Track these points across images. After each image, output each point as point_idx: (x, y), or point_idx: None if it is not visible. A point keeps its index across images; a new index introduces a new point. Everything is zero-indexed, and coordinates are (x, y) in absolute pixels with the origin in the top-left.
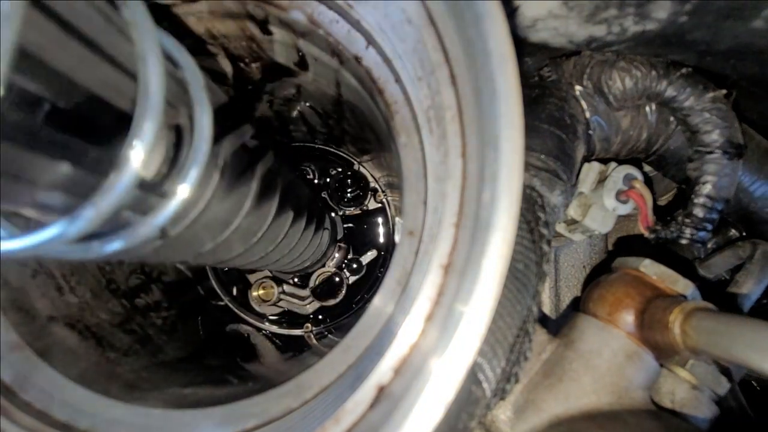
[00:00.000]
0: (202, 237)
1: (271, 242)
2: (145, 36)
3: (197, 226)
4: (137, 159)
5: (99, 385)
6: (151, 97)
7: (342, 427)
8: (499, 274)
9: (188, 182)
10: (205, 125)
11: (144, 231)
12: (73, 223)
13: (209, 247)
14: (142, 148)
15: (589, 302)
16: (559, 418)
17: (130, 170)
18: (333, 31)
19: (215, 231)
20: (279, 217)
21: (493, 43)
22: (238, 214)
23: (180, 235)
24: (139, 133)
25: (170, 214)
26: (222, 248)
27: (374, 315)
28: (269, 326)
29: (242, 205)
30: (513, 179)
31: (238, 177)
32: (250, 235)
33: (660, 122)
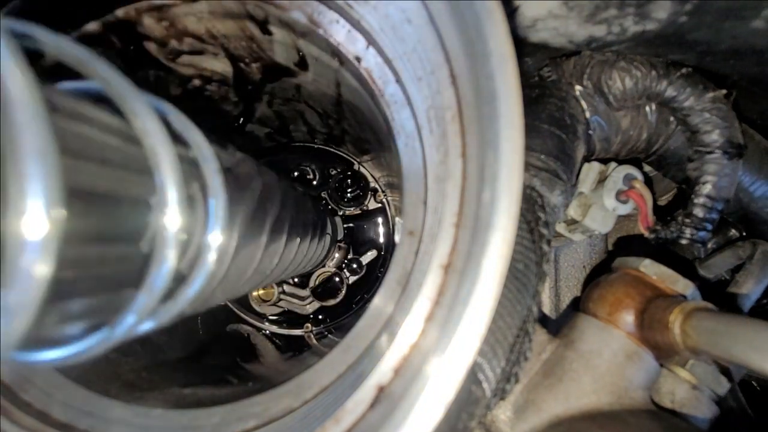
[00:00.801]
0: (215, 297)
1: (280, 271)
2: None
3: (214, 292)
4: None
5: (99, 385)
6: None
7: (342, 427)
8: (499, 274)
9: (208, 263)
10: (221, 207)
11: (169, 314)
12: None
13: (220, 299)
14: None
15: (589, 302)
16: (559, 418)
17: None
18: (333, 31)
19: (228, 288)
20: (287, 248)
21: (493, 43)
22: (249, 268)
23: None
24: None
25: (192, 295)
26: (232, 294)
27: (374, 315)
28: (269, 326)
29: (254, 259)
30: (513, 179)
31: (250, 235)
32: (261, 275)
33: (660, 122)
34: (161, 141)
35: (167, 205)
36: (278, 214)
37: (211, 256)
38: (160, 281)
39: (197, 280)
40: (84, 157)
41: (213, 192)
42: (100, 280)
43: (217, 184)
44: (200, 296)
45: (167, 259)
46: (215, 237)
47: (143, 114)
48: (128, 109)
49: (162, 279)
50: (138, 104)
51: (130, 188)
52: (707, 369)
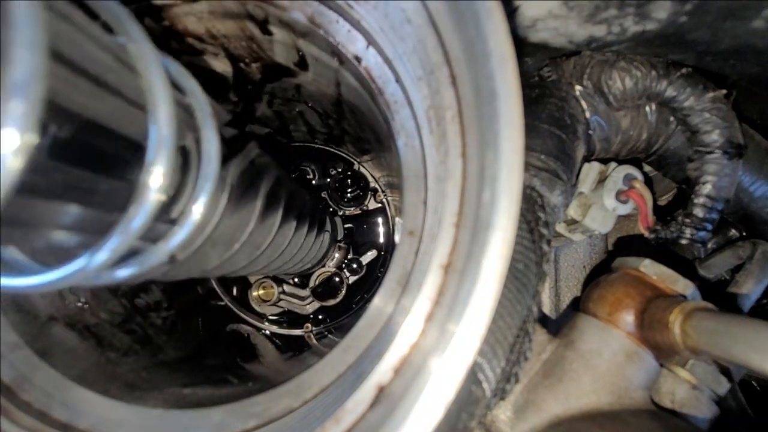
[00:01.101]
0: (209, 256)
1: (275, 251)
2: (151, 69)
3: (204, 247)
4: (156, 184)
5: (99, 385)
6: (162, 128)
7: (342, 426)
8: (499, 274)
9: (197, 211)
10: (213, 153)
11: (154, 258)
12: (97, 256)
13: (215, 263)
14: (161, 173)
15: (589, 302)
16: (559, 418)
17: (151, 196)
18: (333, 31)
19: (221, 250)
20: (282, 228)
21: (493, 43)
22: (244, 231)
23: (188, 257)
24: (154, 161)
25: (180, 240)
26: (227, 263)
27: (374, 315)
28: (269, 326)
29: (248, 223)
30: (513, 179)
31: (243, 196)
32: (255, 249)
33: (660, 122)
34: (155, 66)
35: (153, 161)
36: (273, 186)
37: (200, 206)
38: (134, 227)
39: (186, 226)
40: (78, 70)
41: (205, 138)
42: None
43: (210, 130)
44: (190, 245)
45: (150, 197)
46: (207, 184)
47: (140, 39)
48: (126, 32)
49: (136, 226)
50: (135, 30)
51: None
52: (707, 369)
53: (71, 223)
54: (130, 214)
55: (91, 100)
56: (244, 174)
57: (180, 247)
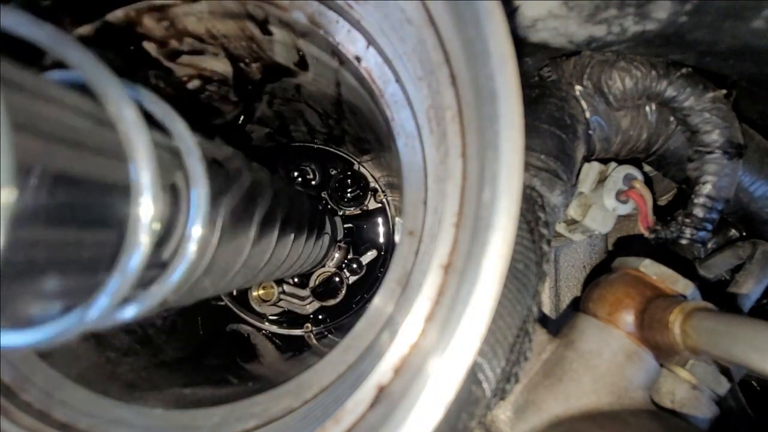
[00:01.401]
0: (204, 287)
1: (274, 267)
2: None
3: (199, 282)
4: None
5: (99, 385)
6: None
7: (342, 427)
8: (499, 274)
9: (188, 253)
10: (202, 196)
11: (148, 303)
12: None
13: (210, 292)
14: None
15: (589, 302)
16: (559, 418)
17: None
18: (333, 31)
19: (216, 279)
20: (280, 244)
21: (493, 43)
22: (237, 261)
23: (179, 296)
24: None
25: (173, 284)
26: (223, 288)
27: (374, 315)
28: (269, 326)
29: (243, 251)
30: (513, 179)
31: (237, 229)
32: (253, 270)
33: (660, 122)
34: (135, 126)
35: (141, 192)
36: (269, 209)
37: (192, 246)
38: (133, 265)
39: (178, 269)
40: (54, 139)
41: (195, 181)
42: (75, 261)
43: (199, 173)
44: (184, 285)
45: (140, 244)
46: (197, 226)
47: (117, 99)
48: (102, 94)
49: (134, 264)
50: (111, 89)
51: (104, 173)
52: (707, 369)
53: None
54: (126, 252)
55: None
56: (238, 207)
57: (173, 291)
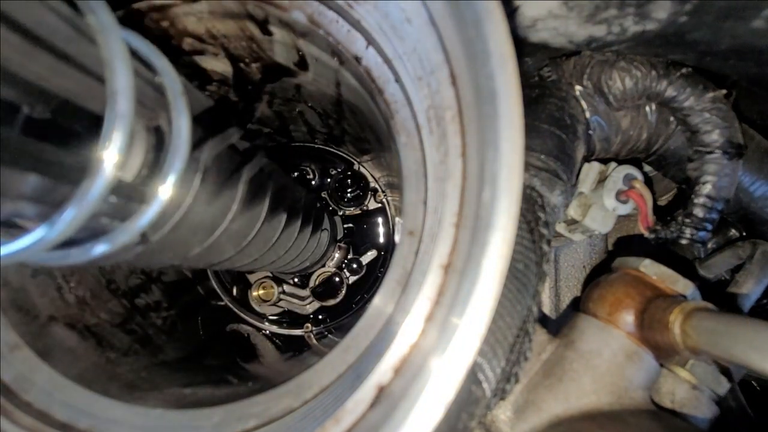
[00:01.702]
0: (187, 241)
1: (264, 244)
2: (110, 38)
3: (181, 230)
4: (111, 159)
5: (99, 385)
6: (119, 97)
7: (342, 426)
8: (499, 274)
9: (166, 186)
10: (183, 128)
11: (124, 236)
12: (52, 228)
13: (197, 250)
14: (116, 147)
15: (589, 302)
16: (559, 418)
17: (105, 171)
18: (333, 31)
19: (201, 235)
20: (271, 220)
21: (493, 43)
22: (224, 217)
23: (163, 240)
24: (110, 135)
25: (149, 218)
26: (211, 251)
27: (374, 315)
28: (269, 326)
29: (229, 208)
30: (513, 179)
31: (223, 180)
32: (240, 238)
33: (660, 122)
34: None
35: (116, 114)
36: (259, 176)
37: (168, 184)
38: (94, 192)
39: (153, 206)
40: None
41: (175, 116)
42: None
43: (181, 108)
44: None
45: (104, 172)
46: (174, 163)
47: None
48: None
49: (96, 190)
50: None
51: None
52: (707, 369)
53: (30, 192)
54: (84, 188)
55: (51, 72)
56: (222, 157)
57: (150, 226)
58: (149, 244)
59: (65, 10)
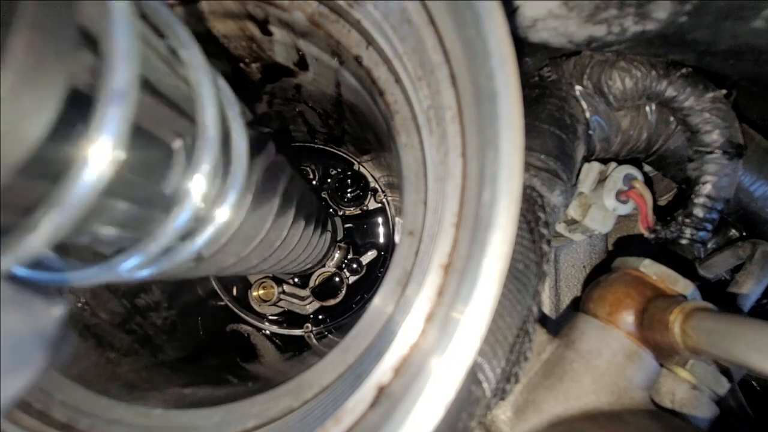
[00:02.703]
0: (229, 254)
1: (284, 251)
2: (201, 76)
3: (229, 245)
4: (198, 191)
5: (99, 385)
6: (208, 133)
7: (342, 426)
8: (499, 274)
9: (227, 206)
10: (242, 151)
11: (183, 255)
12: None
13: (232, 261)
14: (203, 180)
15: (589, 302)
16: (559, 418)
17: (192, 202)
18: (333, 31)
19: (240, 247)
20: (293, 227)
21: (493, 43)
22: (262, 229)
23: (212, 256)
24: (199, 168)
25: (208, 238)
26: (241, 262)
27: (374, 315)
28: (269, 326)
29: (266, 220)
30: (513, 179)
31: (264, 194)
32: (269, 247)
33: (660, 122)
34: (206, 74)
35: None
36: (287, 185)
37: (229, 204)
38: (180, 221)
39: (213, 226)
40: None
41: (235, 138)
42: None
43: (239, 129)
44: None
45: (191, 202)
46: (235, 183)
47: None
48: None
49: (182, 220)
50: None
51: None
52: (707, 369)
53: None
54: (172, 217)
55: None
56: (267, 171)
57: (207, 245)
58: (202, 261)
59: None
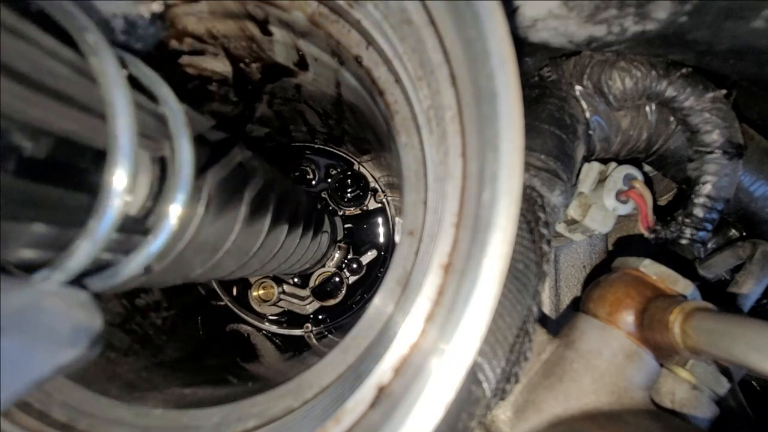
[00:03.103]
0: (191, 264)
1: (266, 255)
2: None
3: (183, 256)
4: (119, 185)
5: (99, 385)
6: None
7: (342, 426)
8: (499, 274)
9: (171, 218)
10: (185, 159)
11: (129, 270)
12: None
13: (198, 271)
14: (123, 174)
15: (589, 302)
16: (559, 418)
17: (113, 207)
18: (333, 31)
19: (204, 257)
20: (273, 232)
21: (493, 43)
22: (227, 239)
23: (166, 268)
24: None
25: (154, 251)
26: (214, 269)
27: (374, 315)
28: (269, 326)
29: (231, 230)
30: (513, 179)
31: (225, 204)
32: (243, 254)
33: (660, 122)
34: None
35: (118, 152)
36: (261, 192)
37: (173, 215)
38: (106, 222)
39: (160, 237)
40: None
41: (178, 148)
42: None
43: (183, 139)
44: (168, 255)
45: (113, 199)
46: (177, 195)
47: (99, 50)
48: (85, 44)
49: (107, 220)
50: (97, 41)
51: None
52: (707, 369)
53: (33, 241)
54: (95, 219)
55: (53, 114)
56: (225, 182)
57: (154, 258)
58: (152, 274)
59: (67, 54)
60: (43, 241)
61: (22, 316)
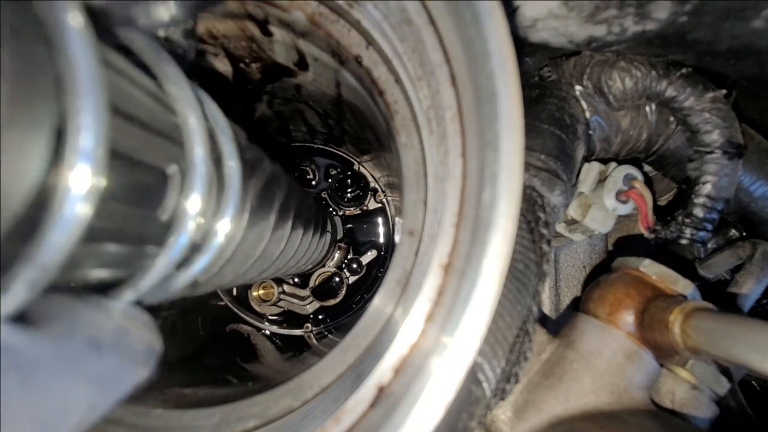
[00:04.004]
0: (225, 275)
1: (283, 260)
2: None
3: (225, 268)
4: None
5: None
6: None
7: (342, 426)
8: (499, 274)
9: (221, 235)
10: (234, 178)
11: (179, 283)
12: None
13: (230, 280)
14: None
15: (589, 302)
16: (559, 418)
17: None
18: (333, 31)
19: (238, 267)
20: (291, 237)
21: (493, 43)
22: (258, 247)
23: (209, 279)
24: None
25: (205, 264)
26: (241, 278)
27: (374, 315)
28: (269, 326)
29: (263, 238)
30: (513, 179)
31: (260, 215)
32: (267, 261)
33: (660, 122)
34: (193, 107)
35: (195, 176)
36: (284, 199)
37: (223, 229)
38: (182, 242)
39: (209, 252)
40: (129, 119)
41: (227, 163)
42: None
43: (231, 155)
44: (214, 267)
45: (189, 222)
46: (228, 210)
47: (178, 80)
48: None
49: (178, 248)
50: (173, 70)
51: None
52: (707, 369)
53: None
54: (172, 240)
55: (139, 142)
56: (261, 193)
57: (203, 271)
58: (198, 286)
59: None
60: (115, 261)
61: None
